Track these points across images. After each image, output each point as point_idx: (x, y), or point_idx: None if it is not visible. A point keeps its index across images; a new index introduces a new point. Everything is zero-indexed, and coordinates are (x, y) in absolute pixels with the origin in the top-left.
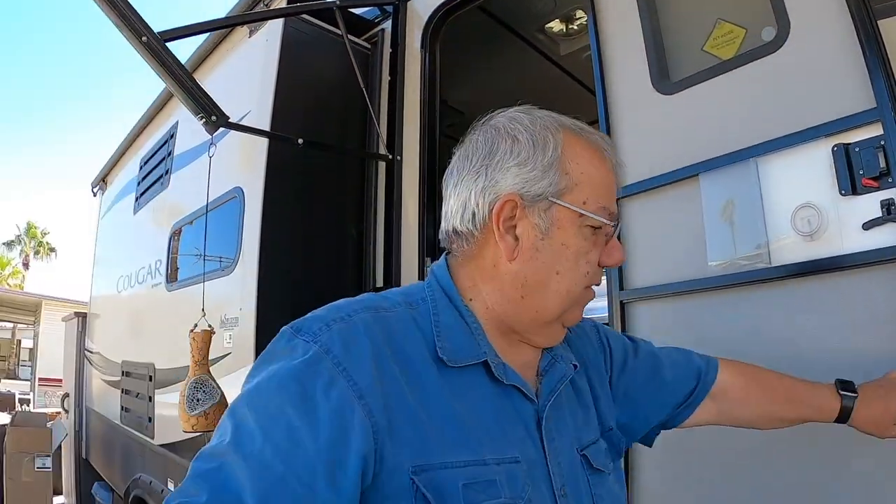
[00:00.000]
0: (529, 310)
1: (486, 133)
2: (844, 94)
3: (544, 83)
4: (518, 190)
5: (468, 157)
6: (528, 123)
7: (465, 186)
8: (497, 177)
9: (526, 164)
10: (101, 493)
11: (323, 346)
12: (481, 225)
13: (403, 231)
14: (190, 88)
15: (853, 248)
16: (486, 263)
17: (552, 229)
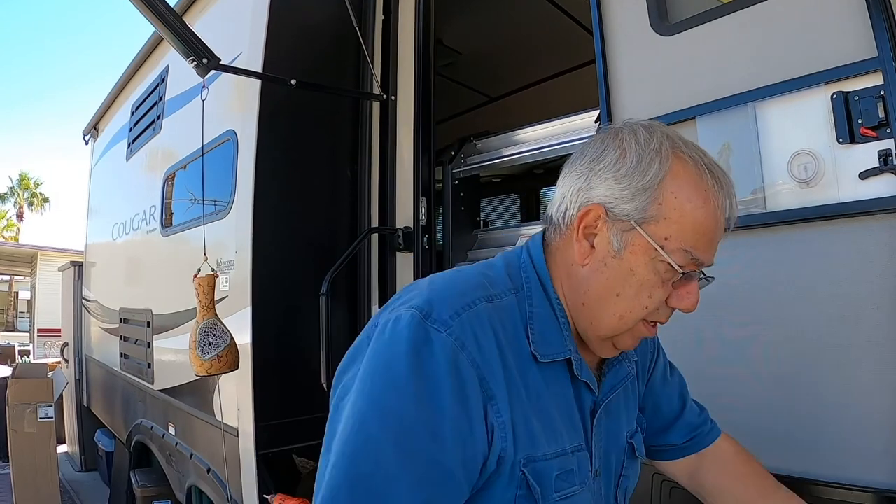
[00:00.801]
0: (585, 319)
1: (606, 137)
2: (846, 42)
3: (541, 23)
4: (605, 202)
5: (583, 153)
6: (643, 141)
7: (568, 181)
8: (594, 183)
9: (622, 181)
10: (103, 440)
11: (458, 339)
12: (569, 222)
13: (398, 171)
14: (180, 31)
15: (849, 197)
16: (567, 261)
17: (625, 251)
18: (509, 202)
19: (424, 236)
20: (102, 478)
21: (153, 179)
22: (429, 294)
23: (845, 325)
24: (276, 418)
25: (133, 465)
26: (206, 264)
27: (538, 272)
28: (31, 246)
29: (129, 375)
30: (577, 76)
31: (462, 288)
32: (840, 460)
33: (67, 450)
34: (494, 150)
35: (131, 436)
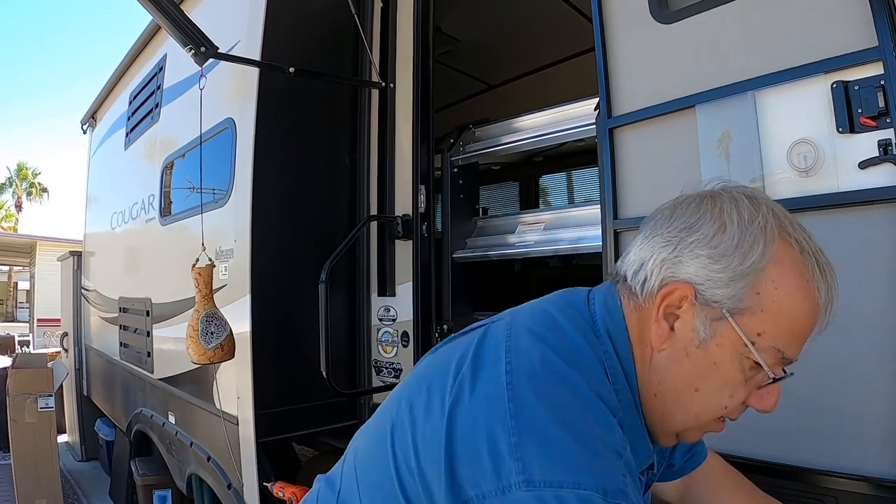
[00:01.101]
0: (655, 411)
1: (703, 202)
2: (846, 32)
3: (540, 10)
4: (696, 283)
5: (672, 215)
6: (746, 215)
7: (651, 245)
8: (684, 256)
9: (718, 262)
10: (103, 429)
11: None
12: (647, 295)
13: (397, 159)
14: (178, 20)
15: (849, 186)
16: (641, 338)
17: (710, 343)
18: (508, 190)
19: (423, 224)
20: (103, 467)
21: (152, 168)
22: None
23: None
24: (275, 406)
25: (133, 454)
26: (203, 254)
27: (628, 379)
28: (29, 236)
29: (129, 364)
30: (577, 64)
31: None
32: (839, 450)
33: (68, 439)
34: (493, 137)
35: (131, 425)
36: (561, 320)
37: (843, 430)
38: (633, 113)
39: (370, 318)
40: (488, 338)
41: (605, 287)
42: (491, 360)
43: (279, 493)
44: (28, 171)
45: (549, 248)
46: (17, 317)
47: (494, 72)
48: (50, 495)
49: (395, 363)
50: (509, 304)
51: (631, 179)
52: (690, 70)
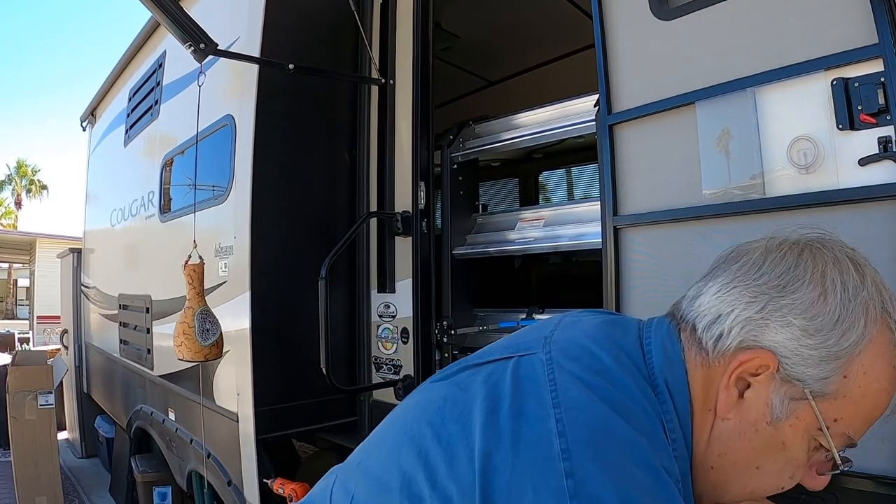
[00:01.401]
0: (707, 481)
1: (802, 256)
2: (846, 29)
3: (540, 6)
4: (781, 354)
5: (763, 264)
6: (851, 287)
7: (733, 296)
8: (773, 321)
9: (812, 336)
10: (103, 426)
11: None
12: (718, 353)
13: (397, 156)
14: (177, 16)
15: (849, 184)
16: (705, 399)
17: (784, 422)
18: (508, 186)
19: (423, 220)
20: (103, 464)
21: (151, 165)
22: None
23: None
24: (275, 403)
25: (133, 451)
26: (195, 251)
27: (683, 432)
28: (29, 233)
29: (129, 361)
30: (577, 60)
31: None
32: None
33: (68, 436)
34: (493, 134)
35: (131, 422)
36: (614, 368)
37: None
38: (633, 109)
39: (370, 314)
40: (523, 379)
41: (662, 328)
42: (534, 411)
43: (279, 489)
44: (28, 168)
45: (549, 245)
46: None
47: (494, 68)
48: (50, 492)
49: (395, 360)
50: (509, 302)
51: (631, 176)
52: (690, 67)
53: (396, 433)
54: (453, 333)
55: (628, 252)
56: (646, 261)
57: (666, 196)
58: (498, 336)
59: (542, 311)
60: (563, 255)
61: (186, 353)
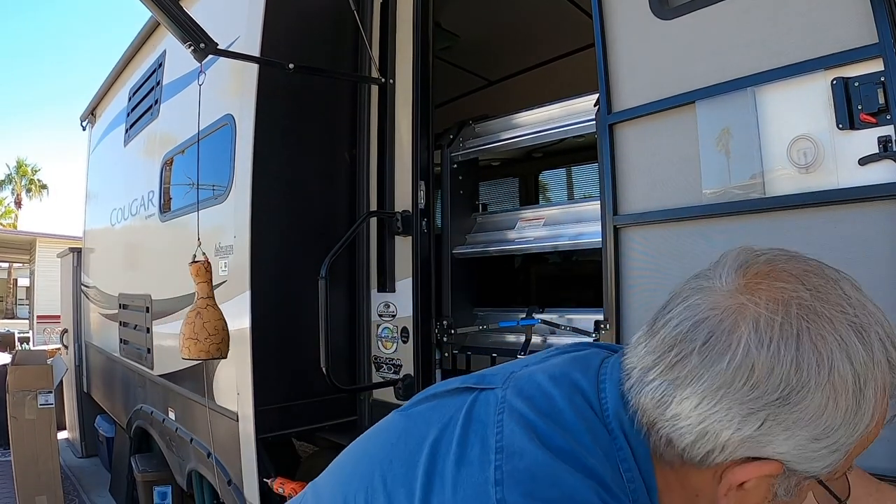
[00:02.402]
0: None
1: (802, 356)
2: (846, 28)
3: (540, 6)
4: (787, 461)
5: (752, 374)
6: (861, 375)
7: (722, 413)
8: (775, 434)
9: (821, 440)
10: (103, 425)
11: None
12: (709, 463)
13: (397, 155)
14: (177, 16)
15: (848, 183)
16: (688, 488)
17: (787, 498)
18: (508, 186)
19: (423, 220)
20: (103, 463)
21: (151, 165)
22: None
23: None
24: (275, 402)
25: (133, 451)
26: (199, 249)
27: (649, 493)
28: (29, 233)
29: (129, 361)
30: (577, 60)
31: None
32: None
33: (68, 436)
34: (493, 133)
35: (131, 421)
36: (566, 409)
37: None
38: (633, 109)
39: (370, 314)
40: (474, 420)
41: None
42: (476, 457)
43: (279, 489)
44: (27, 167)
45: (549, 245)
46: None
47: (494, 67)
48: (50, 492)
49: (395, 359)
50: (509, 301)
51: (631, 175)
52: (690, 66)
53: (353, 465)
54: (453, 333)
55: (628, 251)
56: (646, 260)
57: (666, 195)
58: (498, 335)
59: (542, 310)
60: (563, 255)
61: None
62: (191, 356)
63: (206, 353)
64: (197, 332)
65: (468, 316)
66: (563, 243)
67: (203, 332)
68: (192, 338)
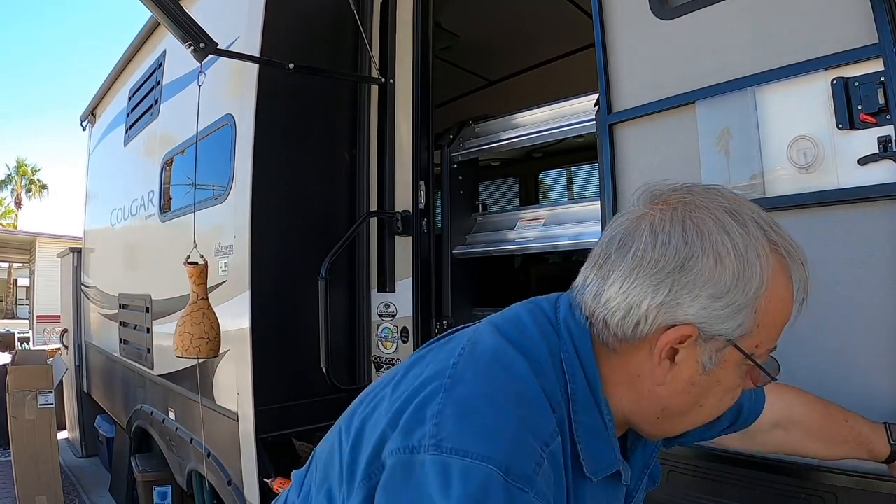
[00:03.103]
0: (659, 427)
1: (686, 230)
2: (846, 28)
3: (540, 6)
4: (699, 322)
5: (653, 250)
6: (740, 242)
7: (640, 288)
8: (682, 299)
9: (720, 299)
10: (103, 425)
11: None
12: (640, 337)
13: (397, 155)
14: (177, 16)
15: (849, 183)
16: (631, 371)
17: (715, 368)
18: (508, 186)
19: (423, 220)
20: (103, 463)
21: (151, 165)
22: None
23: (843, 311)
24: (275, 402)
25: (133, 451)
26: (195, 251)
27: (587, 373)
28: (29, 233)
29: (129, 361)
30: (577, 60)
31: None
32: None
33: (68, 436)
34: (493, 133)
35: (131, 421)
36: (525, 317)
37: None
38: (633, 109)
39: (370, 313)
40: (452, 339)
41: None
42: (449, 350)
43: (279, 489)
44: (27, 167)
45: (549, 244)
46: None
47: (494, 67)
48: (50, 492)
49: (395, 359)
50: (509, 301)
51: (630, 175)
52: (690, 66)
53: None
54: None
55: None
56: None
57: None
58: None
59: None
60: (563, 255)
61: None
62: (203, 355)
63: (214, 352)
64: (207, 332)
65: (468, 316)
66: (563, 243)
67: (212, 331)
68: (203, 337)
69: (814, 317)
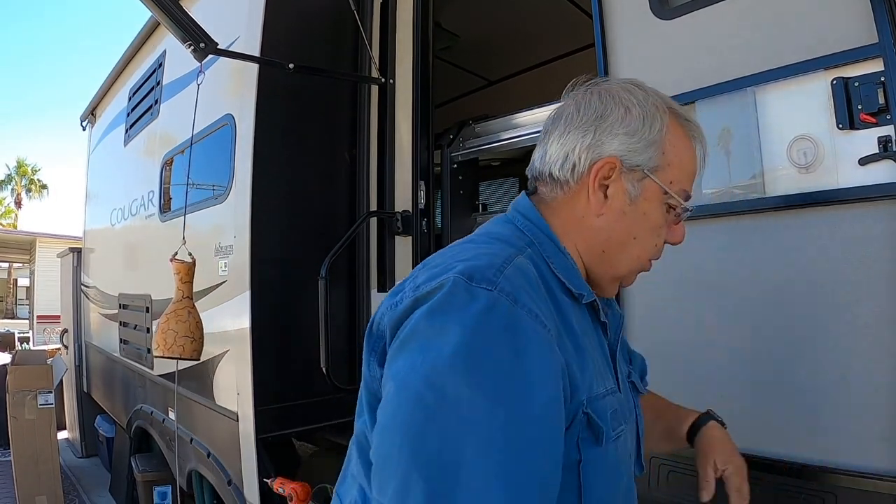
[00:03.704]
0: (605, 264)
1: (601, 95)
2: (846, 28)
3: (540, 6)
4: (620, 155)
5: (578, 111)
6: (642, 99)
7: (571, 138)
8: (604, 139)
9: (633, 136)
10: (103, 425)
11: (508, 294)
12: (578, 177)
13: (397, 155)
14: (177, 15)
15: (849, 183)
16: (576, 214)
17: (639, 199)
18: (508, 186)
19: (423, 220)
20: (103, 463)
21: (151, 164)
22: (457, 263)
23: (843, 311)
24: (275, 402)
25: (133, 451)
26: (183, 248)
27: (541, 229)
28: (29, 233)
29: (129, 361)
30: (577, 60)
31: (487, 250)
32: (836, 446)
33: (68, 436)
34: (493, 133)
35: (131, 421)
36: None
37: (843, 426)
38: None
39: (370, 313)
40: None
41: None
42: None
43: (279, 489)
44: (27, 167)
45: None
46: (16, 314)
47: (494, 67)
48: (50, 492)
49: None
50: None
51: None
52: (690, 66)
53: None
54: None
55: None
56: None
57: None
58: None
59: None
60: None
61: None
62: (186, 355)
63: (198, 354)
64: (192, 331)
65: None
66: None
67: (197, 330)
68: (187, 336)
69: (813, 317)
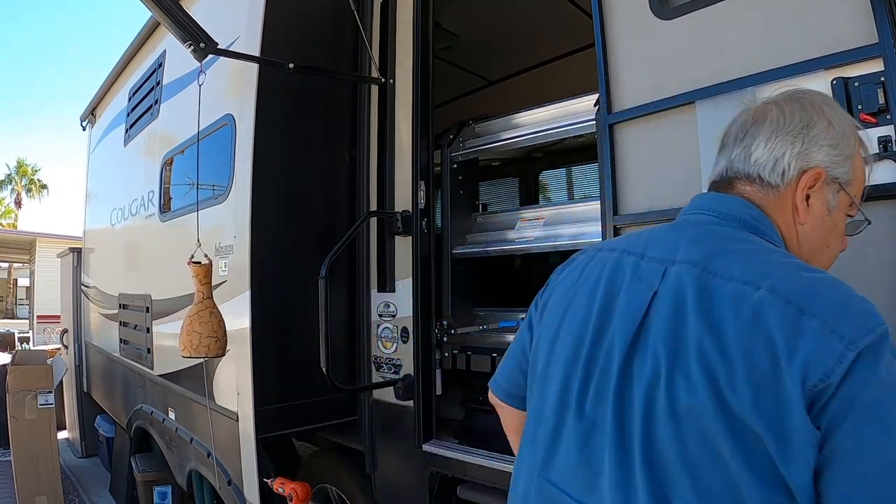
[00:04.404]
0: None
1: (804, 105)
2: (846, 28)
3: (540, 6)
4: (825, 166)
5: (784, 118)
6: (840, 114)
7: (780, 143)
8: (812, 148)
9: (836, 148)
10: (103, 425)
11: None
12: (788, 182)
13: (397, 155)
14: (177, 15)
15: None
16: (787, 220)
17: (835, 210)
18: (508, 186)
19: (423, 220)
20: (103, 463)
21: (151, 165)
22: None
23: None
24: (275, 402)
25: (133, 451)
26: (199, 250)
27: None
28: (29, 233)
29: (129, 361)
30: (577, 60)
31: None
32: None
33: (68, 436)
34: (493, 133)
35: (131, 421)
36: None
37: None
38: (633, 109)
39: (370, 313)
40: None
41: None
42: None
43: (279, 488)
44: (27, 167)
45: (549, 245)
46: (16, 313)
47: (494, 67)
48: (50, 492)
49: (395, 359)
50: (509, 301)
51: (631, 175)
52: (690, 66)
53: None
54: (453, 333)
55: None
56: None
57: (666, 195)
58: (498, 335)
59: None
60: (563, 255)
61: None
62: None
63: (222, 351)
64: (215, 331)
65: (468, 316)
66: (563, 243)
67: (220, 329)
68: (211, 336)
69: None
